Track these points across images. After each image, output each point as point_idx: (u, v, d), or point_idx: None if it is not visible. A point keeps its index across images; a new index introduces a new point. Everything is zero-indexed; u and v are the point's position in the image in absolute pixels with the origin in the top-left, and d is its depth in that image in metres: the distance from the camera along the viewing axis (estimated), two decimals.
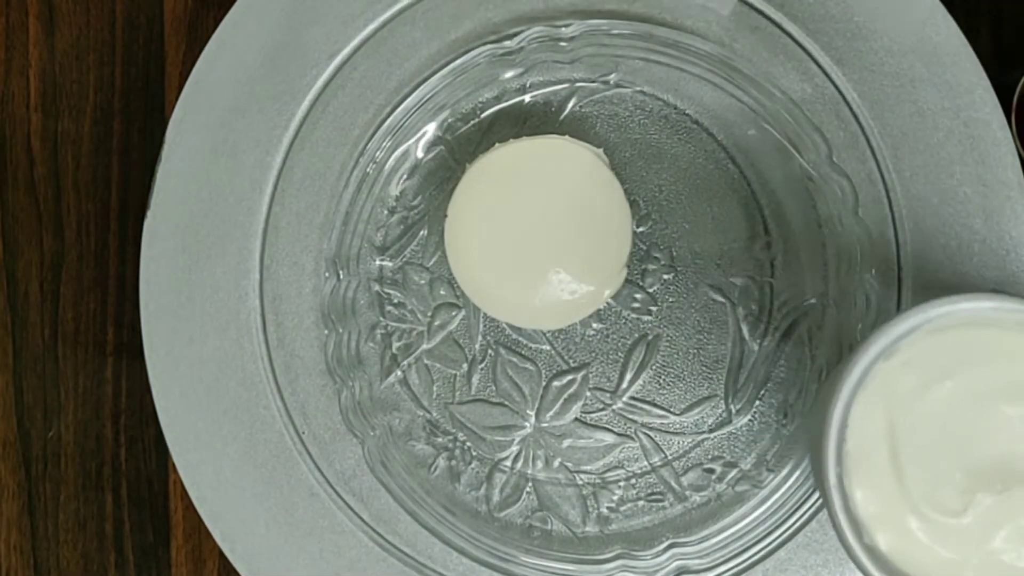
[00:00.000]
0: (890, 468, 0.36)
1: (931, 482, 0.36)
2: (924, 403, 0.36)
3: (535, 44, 0.51)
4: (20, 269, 0.57)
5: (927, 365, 0.36)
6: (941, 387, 0.36)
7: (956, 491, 0.36)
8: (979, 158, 0.50)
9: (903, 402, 0.36)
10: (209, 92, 0.52)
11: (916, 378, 0.36)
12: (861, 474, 0.36)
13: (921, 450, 0.36)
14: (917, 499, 0.36)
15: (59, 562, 0.56)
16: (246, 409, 0.52)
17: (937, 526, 0.36)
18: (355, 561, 0.51)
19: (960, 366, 0.36)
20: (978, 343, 0.36)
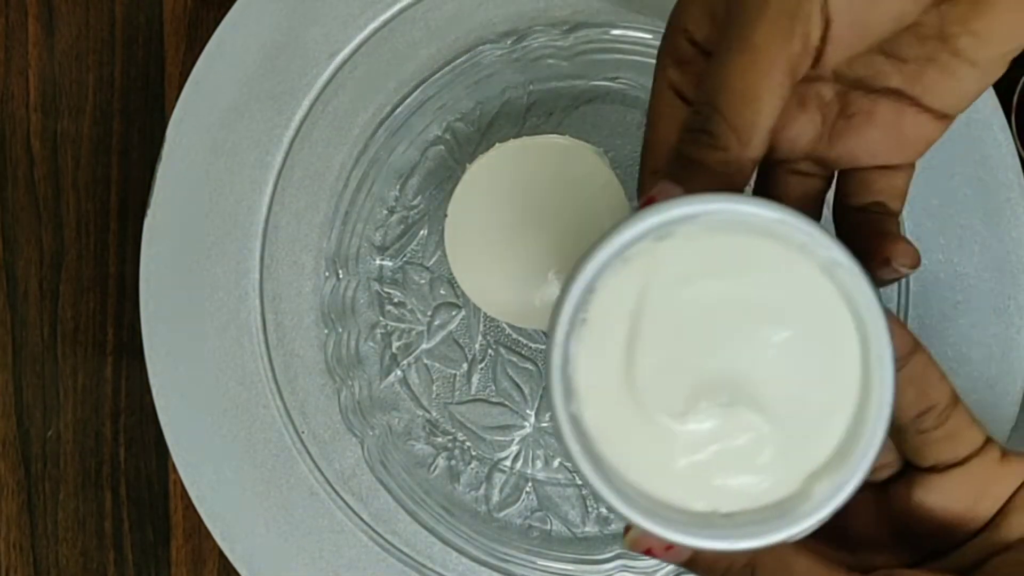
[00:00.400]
0: (623, 348, 0.33)
1: (660, 376, 0.33)
2: (681, 295, 0.33)
3: (535, 44, 0.51)
4: (20, 268, 0.57)
5: (699, 259, 0.33)
6: (705, 285, 0.33)
7: (682, 393, 0.33)
8: (979, 159, 0.50)
9: (660, 288, 0.33)
10: (209, 92, 0.52)
11: (683, 268, 0.33)
12: (591, 343, 0.33)
13: (661, 341, 0.33)
14: (641, 388, 0.33)
15: (58, 560, 0.57)
16: (246, 408, 0.52)
17: (652, 421, 0.33)
18: (354, 560, 0.51)
19: (733, 271, 0.33)
20: (759, 253, 0.33)
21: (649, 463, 0.33)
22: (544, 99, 0.53)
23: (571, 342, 0.33)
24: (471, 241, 0.51)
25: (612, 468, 0.33)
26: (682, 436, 0.33)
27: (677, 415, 0.33)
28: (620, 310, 0.33)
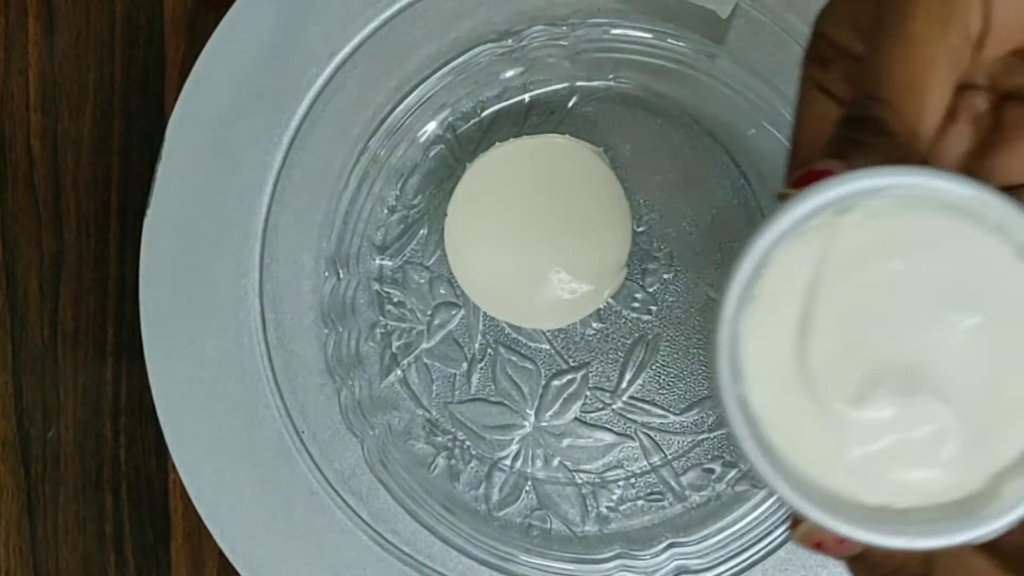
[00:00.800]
0: (795, 328, 0.31)
1: (834, 359, 0.31)
2: (860, 274, 0.31)
3: (535, 43, 0.51)
4: (20, 269, 0.57)
5: (883, 236, 0.30)
6: (888, 264, 0.31)
7: (858, 378, 0.31)
8: None
9: (838, 265, 0.31)
10: (209, 92, 0.52)
11: (864, 245, 0.30)
12: (761, 319, 0.31)
13: (837, 321, 0.31)
14: (813, 372, 0.31)
15: (59, 563, 0.56)
16: (246, 408, 0.52)
17: (824, 407, 0.31)
18: (354, 560, 0.51)
19: (919, 250, 0.30)
20: (948, 233, 0.30)
21: (820, 452, 0.31)
22: (544, 98, 0.53)
23: (740, 319, 0.31)
24: (471, 240, 0.51)
25: (780, 455, 0.31)
26: (857, 424, 0.31)
27: (852, 401, 0.31)
28: (793, 287, 0.31)
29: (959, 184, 0.30)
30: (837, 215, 0.30)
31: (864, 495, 0.31)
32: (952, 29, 0.30)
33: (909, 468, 0.31)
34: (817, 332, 0.31)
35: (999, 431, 0.31)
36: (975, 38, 0.31)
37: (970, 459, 0.31)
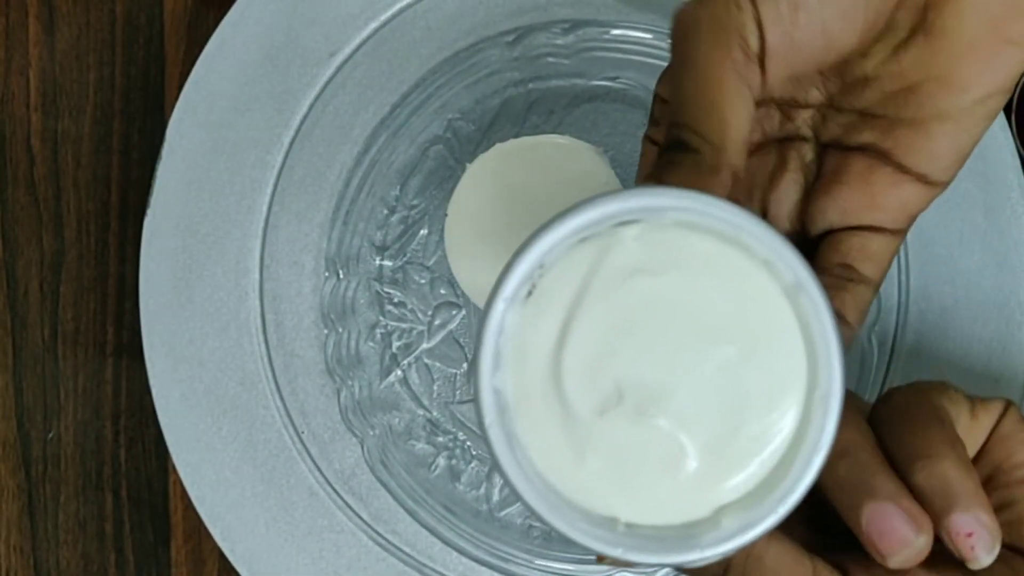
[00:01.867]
0: (558, 331, 0.31)
1: (585, 367, 0.31)
2: (626, 288, 0.31)
3: (536, 43, 0.51)
4: (20, 268, 0.57)
5: (655, 254, 0.31)
6: (653, 282, 0.31)
7: (605, 390, 0.31)
8: (979, 157, 0.50)
9: (609, 275, 0.31)
10: (209, 91, 0.52)
11: (635, 260, 0.31)
12: (530, 319, 0.31)
13: (595, 331, 0.31)
14: (565, 376, 0.31)
15: (59, 562, 0.56)
16: (246, 409, 0.51)
17: (571, 412, 0.31)
18: (355, 560, 0.51)
19: (687, 273, 0.31)
20: (720, 259, 0.31)
21: (562, 455, 0.32)
22: (545, 98, 0.53)
23: (509, 314, 0.31)
24: (471, 241, 0.51)
25: (525, 451, 0.32)
26: (597, 435, 0.31)
27: (594, 412, 0.31)
28: (564, 293, 0.32)
29: (735, 214, 0.30)
30: (618, 227, 0.31)
31: (595, 505, 0.31)
32: (732, 48, 0.32)
33: (640, 486, 0.31)
34: (575, 338, 0.31)
35: (735, 464, 0.31)
36: (756, 54, 0.32)
37: (701, 487, 0.31)
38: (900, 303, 0.50)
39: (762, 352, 0.31)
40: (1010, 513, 0.34)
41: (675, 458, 0.31)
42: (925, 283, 0.50)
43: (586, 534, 0.31)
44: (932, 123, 0.34)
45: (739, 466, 0.31)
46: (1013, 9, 0.32)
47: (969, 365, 0.50)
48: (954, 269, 0.50)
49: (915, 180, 0.35)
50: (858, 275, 0.36)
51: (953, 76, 0.33)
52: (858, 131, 0.36)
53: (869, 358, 0.50)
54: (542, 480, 0.32)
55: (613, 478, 0.32)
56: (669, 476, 0.31)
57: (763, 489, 0.31)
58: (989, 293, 0.50)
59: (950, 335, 0.50)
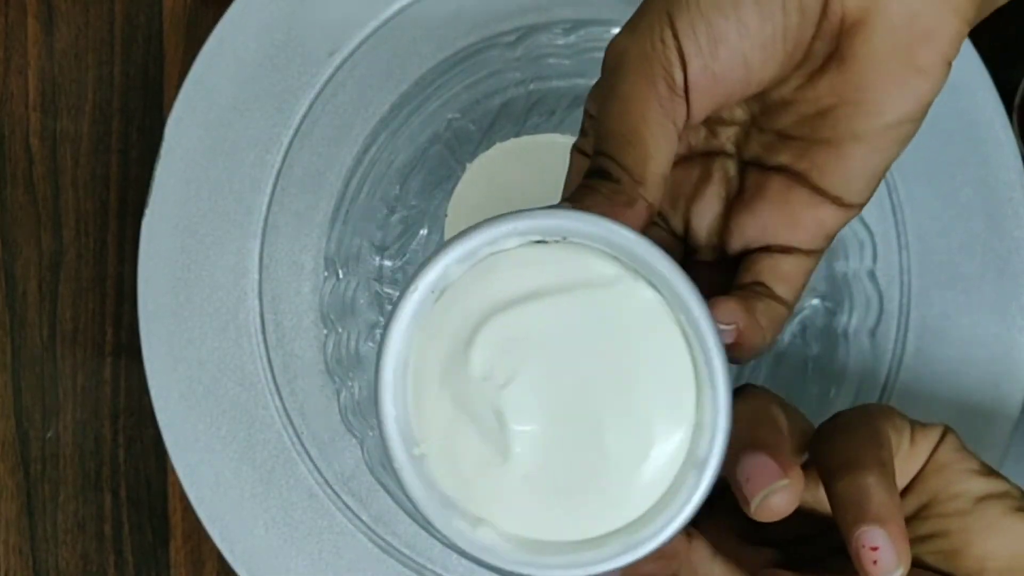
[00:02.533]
0: (456, 339, 0.32)
1: (477, 384, 0.32)
2: (521, 310, 0.32)
3: (536, 43, 0.51)
4: (18, 268, 0.57)
5: (559, 273, 0.32)
6: (549, 302, 0.32)
7: (491, 410, 0.32)
8: (981, 159, 0.50)
9: (507, 295, 0.32)
10: (208, 90, 0.52)
11: (535, 281, 0.32)
12: (442, 318, 0.32)
13: (487, 352, 0.32)
14: (456, 387, 0.32)
15: (58, 563, 0.56)
16: (245, 409, 0.51)
17: (480, 425, 0.32)
18: (354, 562, 0.51)
19: (585, 294, 0.32)
20: (617, 283, 0.32)
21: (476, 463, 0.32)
22: (545, 98, 0.53)
23: (415, 321, 0.32)
24: None
25: (431, 472, 0.32)
26: (487, 451, 0.32)
27: (485, 431, 0.32)
28: (468, 304, 0.32)
29: (635, 243, 0.31)
30: (532, 245, 0.32)
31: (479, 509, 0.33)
32: (657, 82, 0.33)
33: (548, 502, 0.32)
34: (472, 356, 0.32)
35: (615, 493, 0.32)
36: (680, 87, 0.33)
37: (597, 507, 0.32)
38: (901, 307, 0.50)
39: (648, 378, 0.32)
40: (946, 542, 0.35)
41: (574, 473, 0.32)
42: (926, 287, 0.50)
43: (461, 536, 0.32)
44: (846, 144, 0.35)
45: (638, 486, 0.32)
46: (920, 36, 0.33)
47: (970, 369, 0.50)
48: (955, 273, 0.50)
49: (830, 202, 0.36)
50: (771, 293, 0.37)
51: (866, 100, 0.34)
52: (776, 151, 0.36)
53: (871, 363, 0.50)
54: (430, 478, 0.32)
55: (515, 493, 0.32)
56: (554, 500, 0.32)
57: (652, 513, 0.32)
58: (990, 297, 0.50)
59: (951, 339, 0.50)
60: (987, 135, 0.50)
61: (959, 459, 0.36)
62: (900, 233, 0.51)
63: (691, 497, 0.31)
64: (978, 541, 0.35)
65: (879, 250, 0.50)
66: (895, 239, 0.51)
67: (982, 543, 0.35)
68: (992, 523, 0.35)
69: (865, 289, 0.50)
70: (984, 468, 0.36)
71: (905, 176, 0.50)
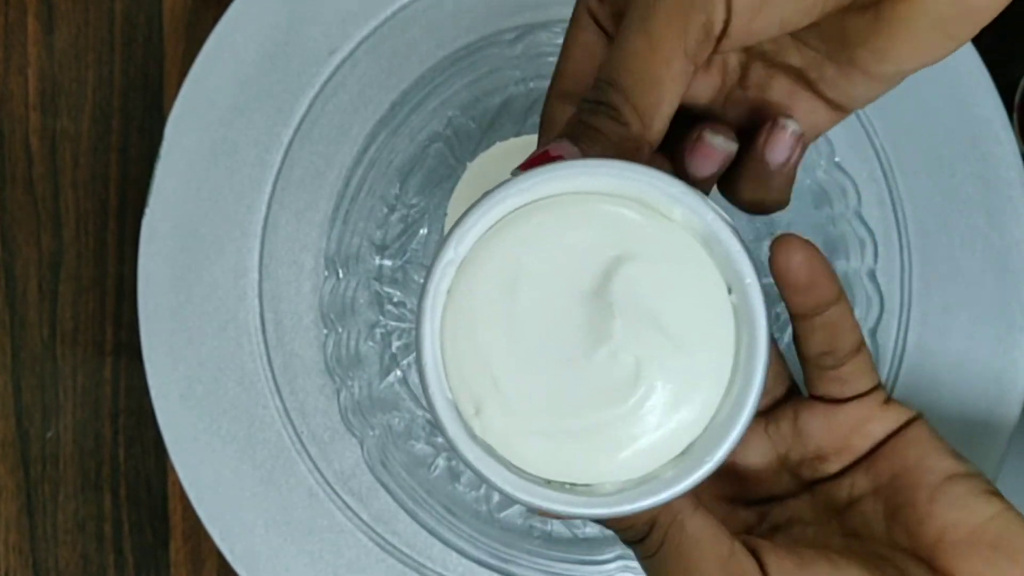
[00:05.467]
0: (503, 321, 0.32)
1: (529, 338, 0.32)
2: (556, 260, 0.32)
3: (536, 42, 0.51)
4: (18, 268, 0.57)
5: (602, 231, 0.32)
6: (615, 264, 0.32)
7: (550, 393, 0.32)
8: (981, 157, 0.50)
9: (537, 250, 0.32)
10: (208, 90, 0.52)
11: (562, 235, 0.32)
12: (462, 321, 0.32)
13: (537, 328, 0.32)
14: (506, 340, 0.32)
15: (58, 562, 0.56)
16: (245, 409, 0.51)
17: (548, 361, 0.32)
18: (354, 561, 0.51)
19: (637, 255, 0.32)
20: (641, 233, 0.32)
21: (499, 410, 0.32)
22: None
23: (445, 277, 0.32)
24: None
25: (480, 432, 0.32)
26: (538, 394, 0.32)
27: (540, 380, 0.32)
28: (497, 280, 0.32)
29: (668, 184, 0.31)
30: (553, 198, 0.32)
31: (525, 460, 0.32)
32: (692, 28, 0.31)
33: (570, 454, 0.32)
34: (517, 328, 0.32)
35: (683, 410, 0.32)
36: (716, 36, 0.32)
37: (623, 455, 0.32)
38: (902, 303, 0.50)
39: (693, 314, 0.32)
40: (912, 513, 0.36)
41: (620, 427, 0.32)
42: (927, 283, 0.50)
43: (511, 484, 0.32)
44: (855, 74, 0.35)
45: (688, 417, 0.32)
46: (963, 13, 0.33)
47: (971, 366, 0.50)
48: (956, 269, 0.50)
49: (831, 108, 0.36)
50: None
51: (888, 53, 0.34)
52: (787, 53, 0.36)
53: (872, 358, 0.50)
54: (501, 459, 0.32)
55: (572, 450, 0.32)
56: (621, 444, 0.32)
57: (705, 439, 0.32)
58: (991, 293, 0.50)
59: (952, 335, 0.50)
60: (987, 133, 0.50)
61: (932, 438, 0.37)
62: (900, 232, 0.51)
63: (703, 463, 0.31)
64: (941, 512, 0.35)
65: (879, 249, 0.50)
66: (895, 238, 0.51)
67: (944, 515, 0.35)
68: (958, 499, 0.35)
69: (866, 288, 0.50)
70: (955, 452, 0.37)
71: (905, 174, 0.51)
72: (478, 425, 0.32)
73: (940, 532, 0.35)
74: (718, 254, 0.32)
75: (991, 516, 0.35)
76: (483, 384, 0.32)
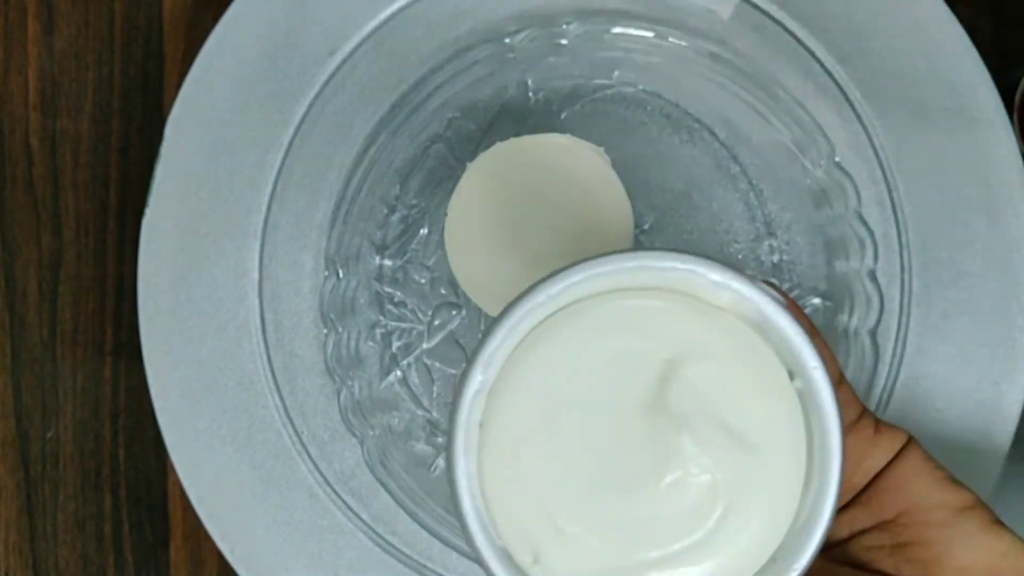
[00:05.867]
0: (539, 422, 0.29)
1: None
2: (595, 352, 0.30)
3: (536, 42, 0.51)
4: (18, 268, 0.57)
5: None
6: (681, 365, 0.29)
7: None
8: (982, 158, 0.50)
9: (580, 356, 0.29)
10: (208, 91, 0.52)
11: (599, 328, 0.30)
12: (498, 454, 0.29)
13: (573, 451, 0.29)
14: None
15: (58, 563, 0.56)
16: (245, 409, 0.51)
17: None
18: (354, 561, 0.51)
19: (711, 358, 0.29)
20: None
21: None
22: (546, 98, 0.53)
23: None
24: (472, 240, 0.51)
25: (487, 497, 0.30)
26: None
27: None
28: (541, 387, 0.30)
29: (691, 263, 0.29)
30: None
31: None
32: None
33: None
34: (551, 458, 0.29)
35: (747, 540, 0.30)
36: None
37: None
38: (902, 306, 0.50)
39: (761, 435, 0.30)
40: (925, 551, 0.36)
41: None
42: (927, 285, 0.50)
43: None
44: None
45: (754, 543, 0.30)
46: None
47: (971, 368, 0.50)
48: (956, 271, 0.50)
49: None
50: None
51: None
52: None
53: (871, 361, 0.50)
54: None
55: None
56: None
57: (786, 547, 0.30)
58: (991, 295, 0.50)
59: (951, 338, 0.50)
60: (987, 134, 0.50)
61: (931, 467, 0.36)
62: (901, 232, 0.50)
63: None
64: (958, 553, 0.35)
65: (879, 249, 0.50)
66: (895, 238, 0.50)
67: (961, 555, 0.35)
68: (971, 536, 0.35)
69: (866, 288, 0.50)
70: (953, 477, 0.37)
71: (905, 175, 0.50)
72: (539, 573, 0.29)
73: (958, 573, 0.35)
74: (774, 339, 0.29)
75: (1004, 552, 0.35)
76: (540, 527, 0.29)
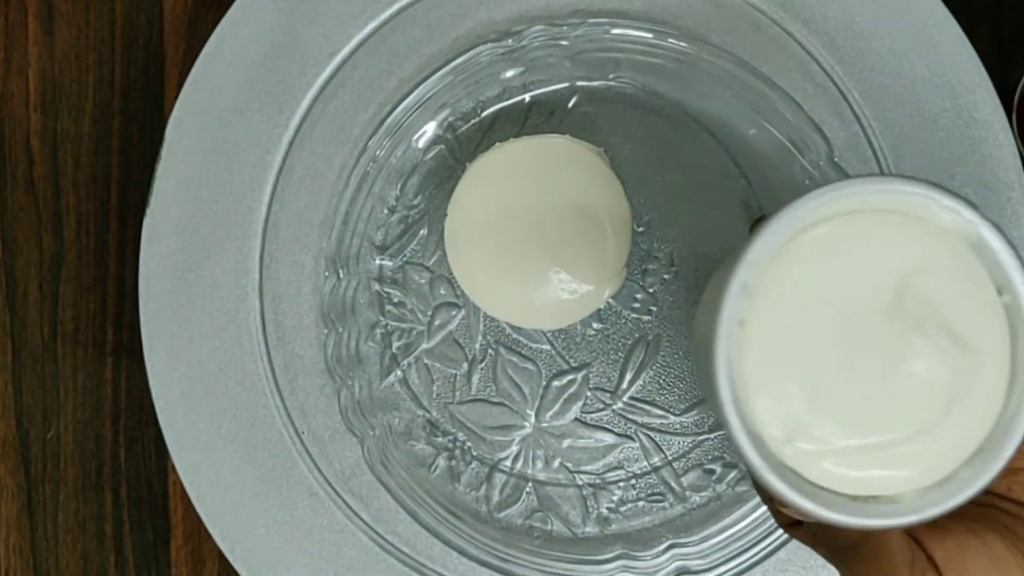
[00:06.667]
0: (790, 340, 0.34)
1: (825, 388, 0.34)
2: (847, 291, 0.34)
3: (536, 43, 0.51)
4: (19, 269, 0.57)
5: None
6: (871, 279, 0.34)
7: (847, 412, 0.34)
8: (980, 159, 0.50)
9: (828, 276, 0.34)
10: (208, 91, 0.52)
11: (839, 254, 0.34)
12: (757, 332, 0.34)
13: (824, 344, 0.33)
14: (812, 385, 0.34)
15: (58, 562, 0.56)
16: (245, 409, 0.51)
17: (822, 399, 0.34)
18: (354, 561, 0.51)
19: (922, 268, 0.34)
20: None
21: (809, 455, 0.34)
22: (544, 99, 0.53)
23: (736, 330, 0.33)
24: (471, 241, 0.51)
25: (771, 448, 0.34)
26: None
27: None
28: (786, 304, 0.34)
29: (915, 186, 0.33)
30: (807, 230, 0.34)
31: (842, 488, 0.34)
32: None
33: (875, 469, 0.34)
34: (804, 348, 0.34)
35: (962, 423, 0.34)
36: None
37: (924, 463, 0.34)
38: None
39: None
40: None
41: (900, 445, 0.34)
42: None
43: (845, 513, 0.33)
44: None
45: (967, 423, 0.34)
46: None
47: None
48: None
49: None
50: None
51: None
52: None
53: None
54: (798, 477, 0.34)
55: (855, 466, 0.34)
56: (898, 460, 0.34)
57: (989, 441, 0.33)
58: None
59: None
60: (986, 135, 0.50)
61: None
62: None
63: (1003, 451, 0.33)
64: None
65: None
66: None
67: None
68: None
69: None
70: None
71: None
72: (788, 453, 0.33)
73: None
74: (987, 258, 0.33)
75: None
76: (791, 412, 0.33)
